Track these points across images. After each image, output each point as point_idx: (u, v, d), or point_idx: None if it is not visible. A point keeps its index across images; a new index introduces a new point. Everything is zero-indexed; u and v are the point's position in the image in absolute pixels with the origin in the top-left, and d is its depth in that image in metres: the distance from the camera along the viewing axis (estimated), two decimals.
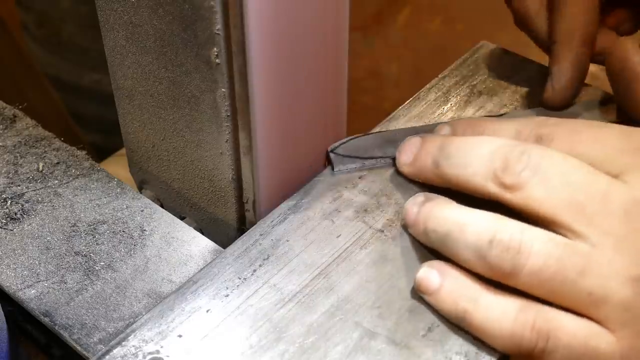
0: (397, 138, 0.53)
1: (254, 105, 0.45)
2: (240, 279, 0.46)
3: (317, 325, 0.44)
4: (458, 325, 0.44)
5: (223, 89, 0.45)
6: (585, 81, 0.58)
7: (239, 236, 0.49)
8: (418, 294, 0.45)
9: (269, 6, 0.42)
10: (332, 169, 0.52)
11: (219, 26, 0.43)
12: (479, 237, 0.43)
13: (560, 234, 0.43)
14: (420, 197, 0.48)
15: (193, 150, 0.50)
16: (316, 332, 0.43)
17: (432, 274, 0.44)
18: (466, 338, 0.43)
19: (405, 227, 0.48)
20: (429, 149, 0.49)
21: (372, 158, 0.52)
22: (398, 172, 0.51)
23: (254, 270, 0.46)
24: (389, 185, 0.51)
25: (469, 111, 0.58)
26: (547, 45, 0.57)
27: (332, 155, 0.52)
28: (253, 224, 0.50)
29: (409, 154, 0.50)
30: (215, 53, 0.44)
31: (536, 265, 0.41)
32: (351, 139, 0.53)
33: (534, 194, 0.43)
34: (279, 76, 0.45)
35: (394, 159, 0.52)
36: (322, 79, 0.49)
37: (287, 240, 0.48)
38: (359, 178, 0.52)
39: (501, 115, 0.56)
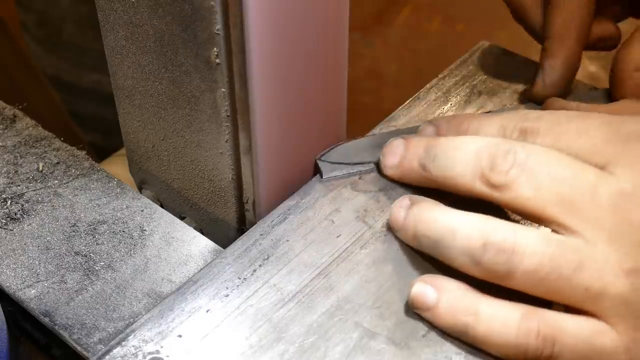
0: (385, 142, 0.52)
1: (254, 105, 0.45)
2: (240, 279, 0.46)
3: (317, 325, 0.44)
4: (459, 339, 0.43)
5: (223, 89, 0.45)
6: (586, 81, 0.58)
7: (239, 236, 0.49)
8: (412, 310, 0.44)
9: (268, 6, 0.42)
10: (321, 176, 0.51)
11: (219, 26, 0.43)
12: (471, 241, 0.43)
13: (552, 230, 0.42)
14: (406, 200, 0.47)
15: (193, 150, 0.50)
16: (316, 332, 0.43)
17: (428, 290, 0.43)
18: None
19: (391, 230, 0.48)
20: (415, 151, 0.48)
21: (360, 163, 0.52)
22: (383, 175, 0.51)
23: (254, 270, 0.46)
24: (389, 184, 0.51)
25: (469, 111, 0.58)
26: (542, 38, 0.57)
27: (320, 162, 0.52)
28: (253, 224, 0.50)
29: (393, 157, 0.50)
30: (215, 53, 0.44)
31: (531, 265, 0.41)
32: (338, 145, 0.52)
33: (522, 193, 0.43)
34: (278, 76, 0.45)
35: (377, 163, 0.51)
36: (322, 79, 0.49)
37: (287, 240, 0.48)
38: (359, 178, 0.52)
39: (488, 112, 0.56)
